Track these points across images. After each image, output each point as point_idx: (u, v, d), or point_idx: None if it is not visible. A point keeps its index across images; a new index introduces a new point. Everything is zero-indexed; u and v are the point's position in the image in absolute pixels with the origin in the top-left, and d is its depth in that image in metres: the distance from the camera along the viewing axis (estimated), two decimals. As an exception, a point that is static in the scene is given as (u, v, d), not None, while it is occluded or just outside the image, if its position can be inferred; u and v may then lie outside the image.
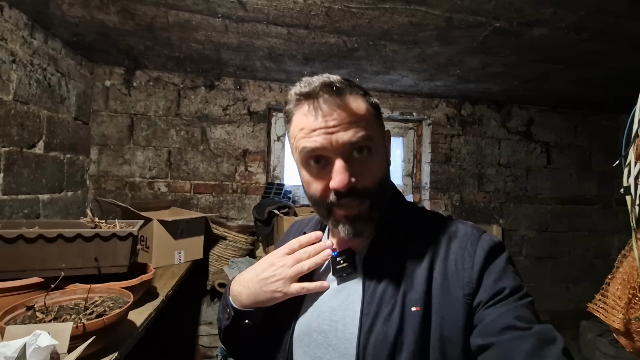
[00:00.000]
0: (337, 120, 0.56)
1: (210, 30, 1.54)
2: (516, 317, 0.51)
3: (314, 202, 0.63)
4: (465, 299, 0.55)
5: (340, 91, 0.58)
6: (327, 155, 0.57)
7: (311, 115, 0.57)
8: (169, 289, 1.35)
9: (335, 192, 0.58)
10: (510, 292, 0.54)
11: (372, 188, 0.59)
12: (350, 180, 0.56)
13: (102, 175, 2.10)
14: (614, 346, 2.24)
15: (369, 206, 0.60)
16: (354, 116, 0.58)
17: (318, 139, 0.56)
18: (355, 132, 0.57)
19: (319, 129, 0.57)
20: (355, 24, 1.42)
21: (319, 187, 0.60)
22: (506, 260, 0.59)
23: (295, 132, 0.61)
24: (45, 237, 0.92)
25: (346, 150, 0.57)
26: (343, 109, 0.57)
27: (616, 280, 0.71)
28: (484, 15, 1.30)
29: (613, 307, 0.69)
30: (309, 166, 0.60)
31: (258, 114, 2.29)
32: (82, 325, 0.75)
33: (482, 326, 0.53)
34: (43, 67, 1.59)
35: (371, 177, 0.59)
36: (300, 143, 0.59)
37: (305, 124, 0.58)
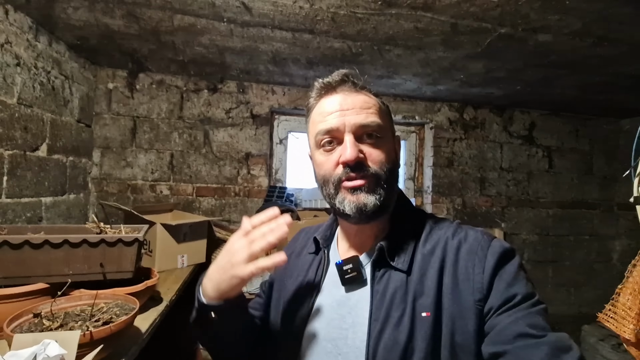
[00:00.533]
0: (350, 105, 0.63)
1: (215, 34, 1.54)
2: (529, 324, 0.50)
3: (324, 181, 0.66)
4: (477, 305, 0.55)
5: (356, 85, 0.66)
6: (339, 135, 0.62)
7: (328, 102, 0.65)
8: (172, 293, 1.35)
9: (344, 166, 0.62)
10: (522, 298, 0.54)
11: (379, 168, 0.62)
12: (359, 155, 0.61)
13: (105, 178, 2.10)
14: (616, 351, 2.24)
15: (374, 182, 0.62)
16: (366, 104, 0.64)
17: (332, 120, 0.62)
18: (367, 117, 0.63)
19: (335, 111, 0.63)
20: (361, 29, 1.42)
21: (330, 164, 0.64)
22: (518, 266, 0.59)
23: (314, 117, 0.67)
24: (51, 242, 0.91)
25: (357, 131, 0.62)
26: (357, 97, 0.64)
27: (626, 290, 0.71)
28: (489, 21, 1.30)
29: (623, 318, 0.69)
30: (323, 147, 0.65)
31: (261, 117, 2.29)
32: (89, 333, 0.74)
33: (495, 333, 0.52)
34: (47, 70, 1.59)
35: (379, 159, 0.63)
36: (317, 126, 0.65)
37: (322, 108, 0.65)
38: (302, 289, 0.71)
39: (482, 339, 0.54)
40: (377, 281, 0.62)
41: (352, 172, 0.61)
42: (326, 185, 0.65)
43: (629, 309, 0.68)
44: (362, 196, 0.62)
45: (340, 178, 0.62)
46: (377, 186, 0.62)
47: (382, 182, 0.62)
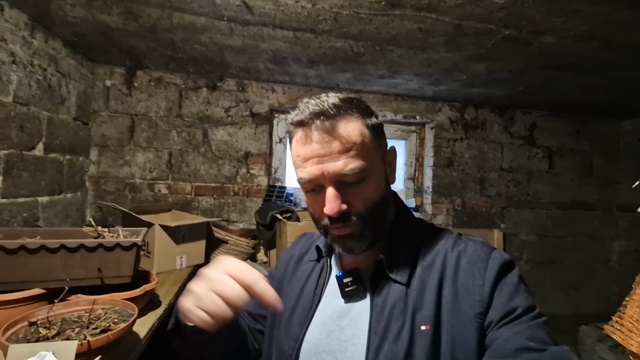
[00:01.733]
0: (327, 149, 0.57)
1: (214, 32, 1.51)
2: (530, 338, 0.50)
3: (314, 221, 0.67)
4: (477, 318, 0.54)
5: (333, 117, 0.58)
6: (321, 183, 0.59)
7: (303, 144, 0.59)
8: (171, 296, 1.33)
9: (328, 217, 0.60)
10: (522, 311, 0.53)
11: (364, 212, 0.61)
12: (341, 208, 0.58)
13: (102, 176, 2.07)
14: (613, 352, 2.25)
15: (361, 228, 0.60)
16: (345, 144, 0.58)
17: (311, 170, 0.58)
18: (346, 164, 0.57)
19: (311, 158, 0.58)
20: (363, 29, 1.40)
21: (316, 210, 0.63)
22: (517, 277, 0.58)
23: (293, 157, 0.64)
24: (47, 247, 0.90)
25: (338, 179, 0.58)
26: (334, 137, 0.58)
27: (634, 303, 0.70)
28: (494, 23, 1.28)
29: (630, 330, 0.68)
30: (307, 192, 0.63)
31: (260, 116, 2.26)
32: (87, 342, 0.73)
33: (495, 347, 0.52)
34: (43, 67, 1.56)
35: (364, 203, 0.60)
36: (298, 172, 0.62)
37: (299, 151, 0.60)
38: (301, 296, 0.69)
39: (483, 352, 0.53)
40: (377, 294, 0.61)
41: (337, 224, 0.60)
42: (317, 225, 0.66)
43: (636, 322, 0.68)
44: (350, 242, 0.62)
45: (327, 225, 0.62)
46: (364, 230, 0.61)
47: (370, 225, 0.61)
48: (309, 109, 0.59)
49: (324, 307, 0.66)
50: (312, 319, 0.65)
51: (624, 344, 0.69)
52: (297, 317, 0.66)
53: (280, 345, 0.66)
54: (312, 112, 0.59)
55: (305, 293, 0.69)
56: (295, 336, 0.64)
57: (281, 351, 0.65)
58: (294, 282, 0.73)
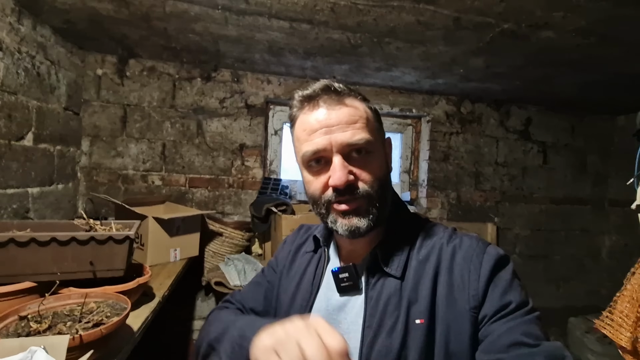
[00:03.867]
0: (335, 119, 0.58)
1: (209, 21, 1.48)
2: (523, 333, 0.50)
3: (313, 201, 0.64)
4: (471, 313, 0.55)
5: (339, 93, 0.61)
6: (327, 154, 0.59)
7: (312, 116, 0.60)
8: (165, 289, 1.33)
9: (333, 189, 0.59)
10: (516, 306, 0.54)
11: (370, 187, 0.60)
12: (349, 178, 0.58)
13: (94, 167, 2.04)
14: (601, 343, 2.30)
15: (366, 203, 0.60)
16: (352, 116, 0.60)
17: (318, 140, 0.58)
18: (353, 134, 0.58)
19: (319, 129, 0.59)
20: (361, 21, 1.37)
21: (318, 185, 0.61)
22: (512, 273, 0.59)
23: (298, 134, 0.63)
24: (37, 240, 0.88)
25: (345, 150, 0.58)
26: (342, 108, 0.60)
27: (624, 298, 0.71)
28: (493, 16, 1.27)
29: (620, 325, 0.69)
30: (310, 167, 0.62)
31: (256, 108, 2.24)
32: (79, 337, 0.72)
33: (488, 342, 0.52)
34: (31, 55, 1.52)
35: (370, 177, 0.60)
36: (303, 147, 0.61)
37: (306, 125, 0.61)
38: (299, 288, 0.70)
39: (476, 345, 0.54)
40: (371, 287, 0.61)
41: (341, 196, 0.59)
42: (316, 206, 0.63)
43: (626, 317, 0.69)
44: (355, 220, 0.60)
45: (330, 201, 0.60)
46: (370, 206, 0.60)
47: (375, 201, 0.60)
48: (318, 85, 0.62)
49: (321, 300, 0.66)
50: (311, 312, 0.65)
51: (613, 339, 0.70)
52: (296, 309, 0.67)
53: None
54: (321, 87, 0.61)
55: (303, 285, 0.70)
56: None
57: None
58: (292, 274, 0.74)
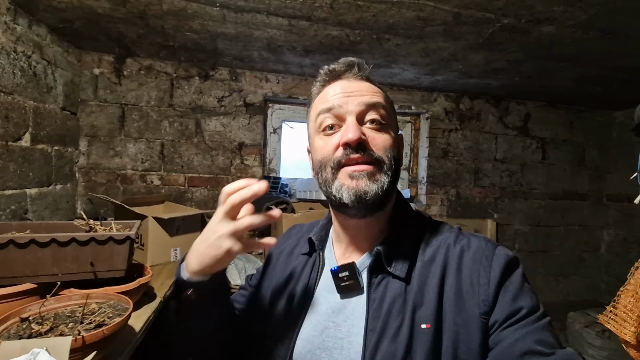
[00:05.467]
0: (355, 87, 0.61)
1: (207, 19, 1.46)
2: (536, 341, 0.48)
3: (321, 166, 0.61)
4: (482, 318, 0.52)
5: (363, 70, 0.63)
6: (342, 115, 0.59)
7: (332, 85, 0.63)
8: (166, 289, 1.32)
9: (345, 147, 0.57)
10: (527, 312, 0.52)
11: (382, 155, 0.59)
12: (362, 137, 0.57)
13: (93, 167, 2.03)
14: (600, 337, 2.32)
15: (377, 168, 0.58)
16: (371, 88, 0.62)
17: (335, 100, 0.60)
18: (372, 97, 0.60)
19: (337, 93, 0.61)
20: (360, 17, 1.37)
21: (330, 147, 0.60)
22: (522, 276, 0.56)
23: (315, 104, 0.64)
24: (37, 242, 0.87)
25: (362, 112, 0.59)
26: (363, 82, 0.63)
27: (628, 293, 0.71)
28: (493, 11, 1.26)
29: (624, 320, 0.69)
30: (324, 132, 0.61)
31: (254, 106, 2.22)
32: (81, 338, 0.71)
33: (500, 350, 0.50)
34: (27, 54, 1.50)
35: (383, 146, 0.59)
36: (319, 107, 0.62)
37: (326, 93, 0.63)
38: (294, 292, 0.67)
39: (485, 353, 0.52)
40: (374, 289, 0.58)
41: (353, 154, 0.56)
42: (323, 170, 0.60)
43: (630, 311, 0.68)
44: (363, 182, 0.56)
45: (339, 161, 0.58)
46: (380, 172, 0.58)
47: (386, 168, 0.58)
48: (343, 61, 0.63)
49: (319, 303, 0.63)
50: (307, 316, 0.63)
51: (617, 333, 0.70)
52: (291, 313, 0.64)
53: (274, 344, 0.63)
54: (346, 63, 0.63)
55: (298, 288, 0.66)
56: (289, 334, 0.62)
57: (275, 349, 0.63)
58: (287, 277, 0.70)
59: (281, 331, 0.63)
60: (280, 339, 0.63)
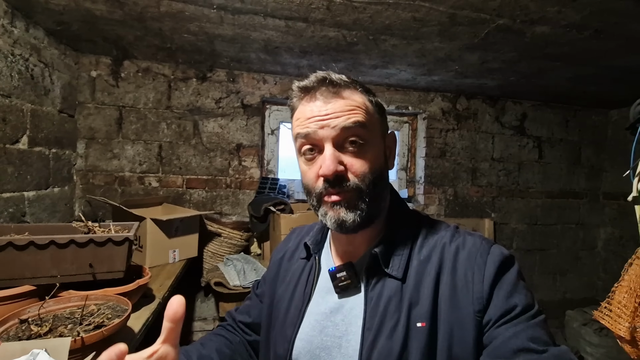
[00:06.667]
0: (330, 109, 0.57)
1: (204, 21, 1.47)
2: (530, 338, 0.49)
3: (307, 192, 0.62)
4: (476, 316, 0.53)
5: (337, 85, 0.59)
6: (319, 141, 0.58)
7: (307, 106, 0.59)
8: (165, 290, 1.32)
9: (324, 180, 0.57)
10: (522, 310, 0.52)
11: (360, 181, 0.58)
12: (338, 168, 0.56)
13: (90, 170, 2.03)
14: (597, 335, 2.33)
15: (355, 196, 0.57)
16: (348, 106, 0.58)
17: (311, 126, 0.57)
18: (348, 118, 0.57)
19: (314, 117, 0.58)
20: (357, 18, 1.38)
21: (311, 175, 0.60)
22: (517, 274, 0.56)
23: (293, 122, 0.62)
24: (36, 244, 0.87)
25: (338, 137, 0.57)
26: (338, 100, 0.58)
27: (622, 289, 0.72)
28: (488, 12, 1.28)
29: (619, 316, 0.70)
30: (304, 155, 0.61)
31: (252, 107, 2.23)
32: (80, 339, 0.72)
33: (494, 347, 0.50)
34: (25, 57, 1.50)
35: (361, 170, 0.58)
36: (296, 130, 0.60)
37: (302, 113, 0.60)
38: (293, 295, 0.68)
39: (480, 350, 0.52)
40: (371, 288, 0.59)
41: (331, 187, 0.57)
42: (309, 196, 0.62)
43: (624, 307, 0.69)
44: (342, 212, 0.58)
45: (321, 192, 0.59)
46: (358, 201, 0.58)
47: (364, 196, 0.58)
48: (315, 77, 0.60)
49: (317, 304, 0.64)
50: (305, 317, 0.64)
51: (612, 329, 0.71)
52: (290, 316, 0.65)
53: (276, 347, 0.65)
54: (318, 78, 0.60)
55: (297, 292, 0.68)
56: (288, 335, 0.63)
57: (276, 352, 0.64)
58: (287, 282, 0.72)
59: (280, 333, 0.65)
60: (279, 340, 0.64)
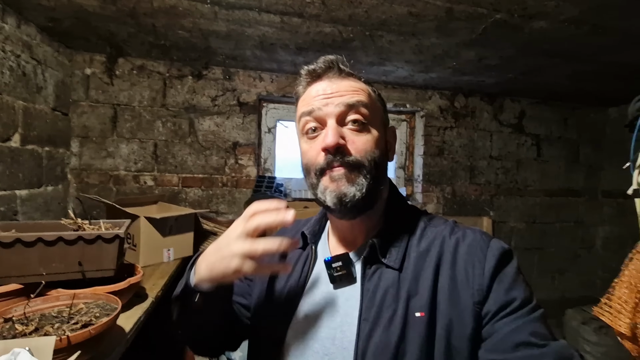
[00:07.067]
0: (336, 88, 0.60)
1: (198, 17, 1.45)
2: (531, 332, 0.49)
3: (307, 170, 0.63)
4: (475, 308, 0.53)
5: (343, 71, 0.62)
6: (322, 117, 0.59)
7: (313, 87, 0.62)
8: (158, 289, 1.30)
9: (326, 153, 0.58)
10: (520, 303, 0.52)
11: (361, 157, 0.58)
12: (340, 141, 0.57)
13: (85, 168, 2.01)
14: (597, 334, 2.31)
15: (356, 170, 0.58)
16: (352, 87, 0.61)
17: (315, 103, 0.59)
18: (351, 96, 0.59)
19: (319, 95, 0.60)
20: (352, 13, 1.36)
21: (313, 152, 0.60)
22: (516, 268, 0.57)
23: (298, 106, 0.64)
24: (23, 241, 0.85)
25: (342, 114, 0.59)
26: (343, 81, 0.61)
27: (622, 284, 0.70)
28: (485, 6, 1.26)
29: (619, 312, 0.68)
30: (307, 134, 0.62)
31: (248, 105, 2.21)
32: (66, 337, 0.69)
33: (495, 341, 0.51)
34: (16, 54, 1.48)
35: (363, 148, 0.59)
36: (300, 110, 0.62)
37: (307, 95, 0.62)
38: (288, 285, 0.67)
39: (478, 342, 0.53)
40: (368, 279, 0.59)
41: (333, 159, 0.58)
42: (309, 175, 0.62)
43: (624, 303, 0.68)
44: (342, 185, 0.58)
45: (322, 167, 0.59)
46: (359, 175, 0.58)
47: (365, 171, 0.58)
48: (324, 59, 0.62)
49: (312, 294, 0.64)
50: (299, 307, 0.63)
51: (612, 325, 0.69)
52: (284, 305, 0.65)
53: (268, 337, 0.65)
54: (326, 63, 0.62)
55: (292, 281, 0.68)
56: (281, 325, 0.63)
57: (269, 341, 0.64)
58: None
59: (274, 323, 0.64)
60: (273, 330, 0.64)
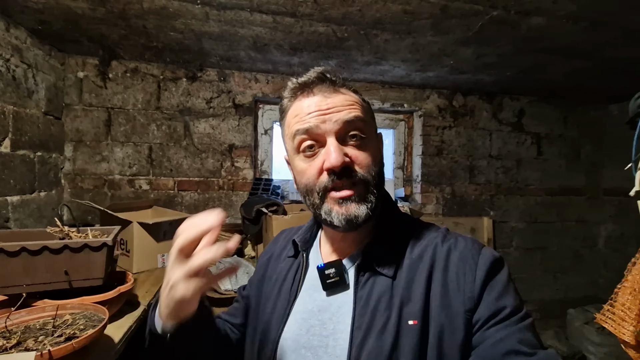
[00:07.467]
0: (331, 104, 0.57)
1: (189, 17, 1.43)
2: (519, 341, 0.49)
3: (307, 191, 0.60)
4: (466, 315, 0.53)
5: (334, 82, 0.60)
6: (320, 135, 0.57)
7: (305, 102, 0.59)
8: (151, 296, 1.28)
9: (329, 173, 0.56)
10: (510, 312, 0.52)
11: (367, 173, 0.57)
12: (345, 160, 0.55)
13: (79, 173, 1.98)
14: (600, 334, 2.28)
15: (364, 189, 0.57)
16: (347, 101, 0.59)
17: (312, 120, 0.57)
18: (349, 112, 0.57)
19: (314, 111, 0.57)
20: (346, 12, 1.33)
21: (313, 171, 0.58)
22: (507, 276, 0.57)
23: (289, 120, 0.60)
24: (5, 251, 0.83)
25: (340, 130, 0.57)
26: (337, 95, 0.59)
27: (625, 290, 0.68)
28: (481, 3, 1.23)
29: (622, 319, 0.65)
30: (303, 153, 0.59)
31: (244, 107, 2.19)
32: (47, 352, 0.67)
33: (484, 348, 0.50)
34: (6, 57, 1.46)
35: (367, 162, 0.58)
36: (294, 127, 0.58)
37: (299, 110, 0.59)
38: (280, 293, 0.67)
39: (468, 350, 0.52)
40: (361, 286, 0.58)
41: (338, 180, 0.56)
42: (310, 195, 0.60)
43: (628, 310, 0.65)
44: (353, 207, 0.56)
45: (326, 187, 0.57)
46: (368, 193, 0.57)
47: (372, 187, 0.58)
48: (313, 73, 0.60)
49: (304, 302, 0.63)
50: (291, 315, 0.62)
51: (616, 333, 0.67)
52: (276, 314, 0.64)
53: (261, 346, 0.64)
54: (316, 75, 0.60)
55: (284, 290, 0.67)
56: (274, 334, 0.62)
57: (261, 351, 0.63)
58: (274, 280, 0.70)
59: (266, 332, 0.64)
60: (265, 339, 0.63)
